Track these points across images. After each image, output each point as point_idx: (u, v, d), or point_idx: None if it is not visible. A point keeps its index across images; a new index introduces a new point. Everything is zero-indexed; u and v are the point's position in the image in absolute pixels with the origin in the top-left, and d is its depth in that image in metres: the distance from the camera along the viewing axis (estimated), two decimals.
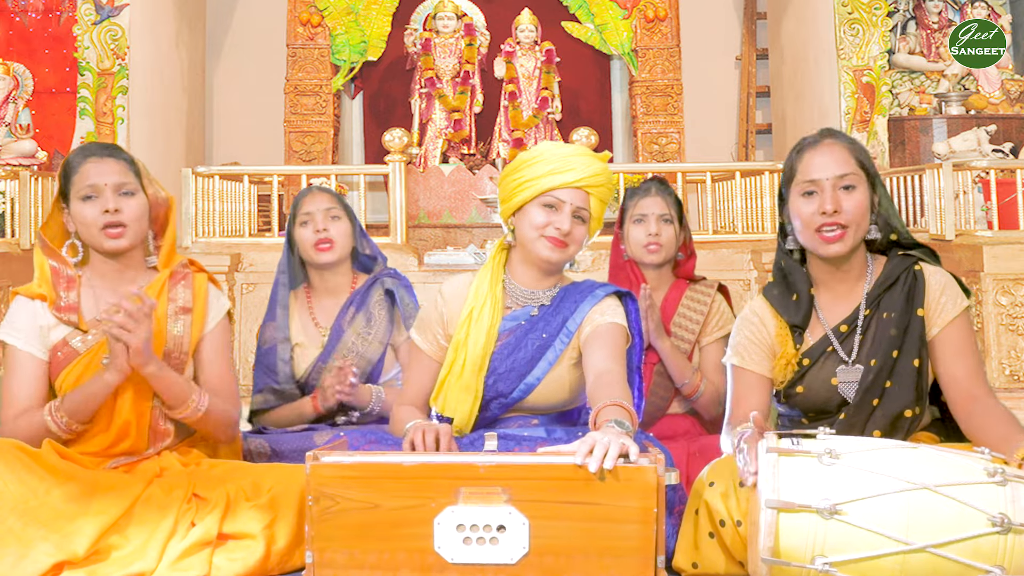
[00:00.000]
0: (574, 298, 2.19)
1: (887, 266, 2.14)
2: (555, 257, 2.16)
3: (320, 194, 2.87)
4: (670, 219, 2.84)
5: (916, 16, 7.59)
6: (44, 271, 2.24)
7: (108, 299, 2.24)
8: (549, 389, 2.18)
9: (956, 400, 2.06)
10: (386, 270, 2.91)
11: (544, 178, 2.14)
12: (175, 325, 2.25)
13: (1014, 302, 4.94)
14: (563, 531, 1.69)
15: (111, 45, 6.84)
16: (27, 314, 2.22)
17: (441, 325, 2.24)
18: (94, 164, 2.21)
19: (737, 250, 5.64)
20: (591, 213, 2.17)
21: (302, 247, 2.82)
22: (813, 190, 2.09)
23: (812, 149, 2.12)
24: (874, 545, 1.61)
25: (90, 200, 2.20)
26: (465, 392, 2.16)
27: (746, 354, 2.18)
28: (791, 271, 2.18)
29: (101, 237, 2.20)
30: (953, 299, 2.09)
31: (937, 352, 2.08)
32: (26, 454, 2.04)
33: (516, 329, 2.20)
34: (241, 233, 6.02)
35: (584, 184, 2.13)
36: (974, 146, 6.62)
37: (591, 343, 2.12)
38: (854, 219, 2.06)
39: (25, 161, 6.71)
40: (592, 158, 2.19)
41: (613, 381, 2.00)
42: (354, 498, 1.73)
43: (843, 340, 2.12)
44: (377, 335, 2.79)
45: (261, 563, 1.97)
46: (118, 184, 2.21)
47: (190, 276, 2.31)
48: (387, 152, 6.12)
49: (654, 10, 7.96)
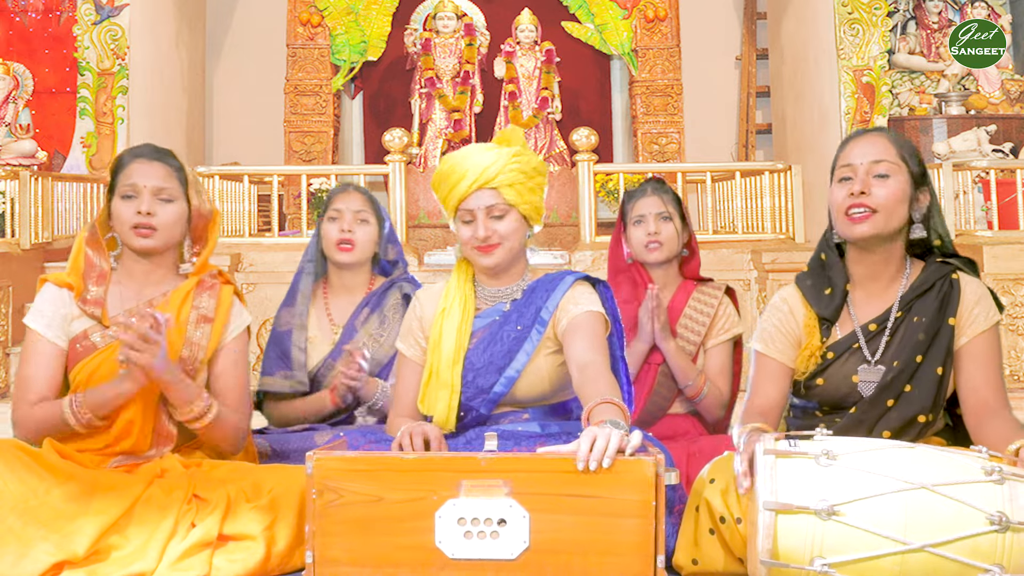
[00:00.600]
0: (545, 287, 2.21)
1: (924, 271, 2.14)
2: (491, 261, 2.18)
3: (354, 194, 2.88)
4: (668, 216, 2.84)
5: (916, 16, 7.59)
6: (78, 261, 2.27)
7: (132, 299, 2.26)
8: (531, 381, 2.19)
9: (971, 410, 2.05)
10: (404, 275, 2.91)
11: (450, 195, 2.17)
12: (194, 332, 2.26)
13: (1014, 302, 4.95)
14: (563, 525, 1.70)
15: (111, 45, 6.84)
16: (53, 301, 2.25)
17: (420, 329, 2.27)
18: (140, 165, 2.25)
19: (737, 250, 5.64)
20: (510, 202, 2.15)
21: (325, 242, 2.84)
22: (849, 176, 2.10)
23: (856, 139, 2.14)
24: (872, 545, 1.61)
25: (128, 199, 2.24)
26: (443, 388, 2.17)
27: (771, 342, 2.18)
28: (831, 265, 2.18)
29: (131, 235, 2.23)
30: (986, 312, 2.09)
31: (962, 361, 2.08)
32: (26, 454, 2.04)
33: (490, 325, 2.22)
34: (241, 233, 6.02)
35: (483, 182, 2.14)
36: (974, 146, 6.63)
37: (570, 335, 2.12)
38: (884, 205, 2.06)
39: (25, 161, 6.71)
40: (486, 152, 2.18)
41: (598, 373, 2.00)
42: (358, 491, 1.74)
43: (870, 339, 2.13)
44: (389, 339, 2.79)
45: (261, 564, 1.97)
46: (158, 188, 2.24)
47: (217, 287, 2.32)
48: (387, 152, 6.12)
49: (654, 10, 7.97)
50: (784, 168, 5.82)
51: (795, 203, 5.70)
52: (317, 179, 6.51)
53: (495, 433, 2.12)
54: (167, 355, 2.10)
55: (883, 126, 2.20)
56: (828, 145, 6.83)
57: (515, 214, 2.17)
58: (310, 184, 6.43)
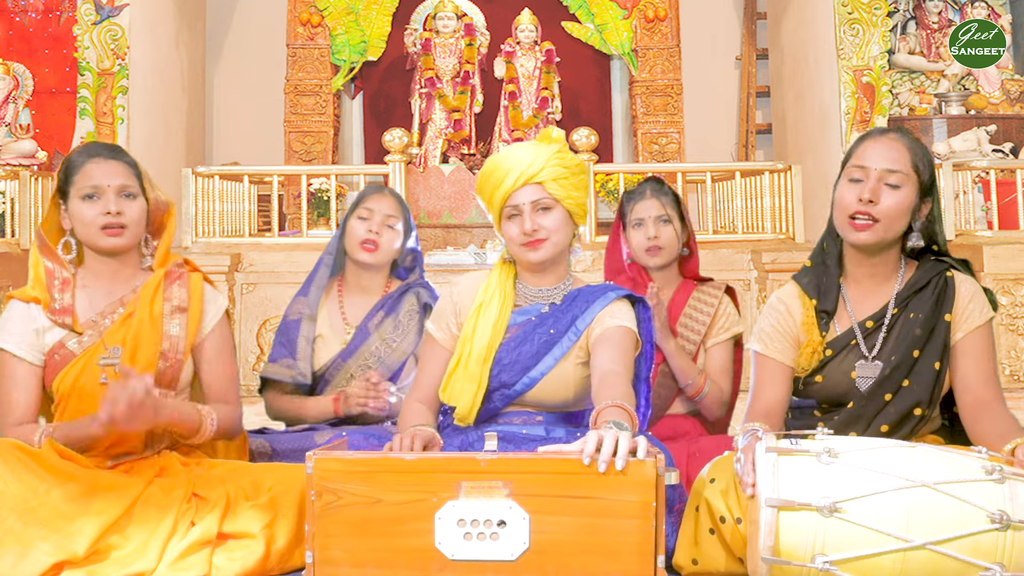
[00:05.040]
0: (586, 298, 2.21)
1: (919, 269, 2.16)
2: (537, 256, 2.17)
3: (388, 197, 2.87)
4: (668, 219, 2.83)
5: (916, 16, 7.59)
6: (39, 273, 2.24)
7: (102, 300, 2.24)
8: (553, 385, 2.18)
9: (967, 404, 2.07)
10: (420, 280, 2.90)
11: (495, 193, 2.17)
12: (171, 325, 2.25)
13: (1014, 302, 4.95)
14: (563, 526, 1.70)
15: (111, 45, 6.84)
16: (21, 318, 2.22)
17: (454, 315, 2.26)
18: (98, 164, 2.22)
19: (737, 250, 5.65)
20: (555, 197, 2.16)
21: (349, 238, 2.82)
22: (860, 177, 2.10)
23: (874, 138, 2.14)
24: (874, 543, 1.61)
25: (91, 200, 2.20)
26: (469, 382, 2.17)
27: (769, 342, 2.19)
28: (831, 254, 2.20)
29: (99, 236, 2.20)
30: (980, 308, 2.11)
31: (957, 357, 2.10)
32: (26, 454, 2.04)
33: (526, 324, 2.21)
34: (241, 233, 6.02)
35: (529, 178, 2.15)
36: (974, 146, 6.62)
37: (599, 344, 2.13)
38: (888, 216, 2.07)
39: (25, 161, 6.71)
40: (528, 148, 2.19)
41: (617, 382, 2.00)
42: (357, 492, 1.74)
43: (867, 335, 2.15)
44: (402, 345, 2.78)
45: (261, 563, 1.97)
46: (121, 186, 2.22)
47: (185, 275, 2.31)
48: (387, 152, 6.12)
49: (654, 10, 7.96)
50: (784, 168, 5.82)
51: (795, 203, 5.70)
52: (317, 179, 6.51)
53: (495, 433, 2.12)
54: (157, 407, 2.03)
55: (902, 127, 2.21)
56: (828, 145, 6.83)
57: (560, 209, 2.17)
58: (310, 184, 6.43)
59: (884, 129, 2.18)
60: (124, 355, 2.18)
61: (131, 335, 2.19)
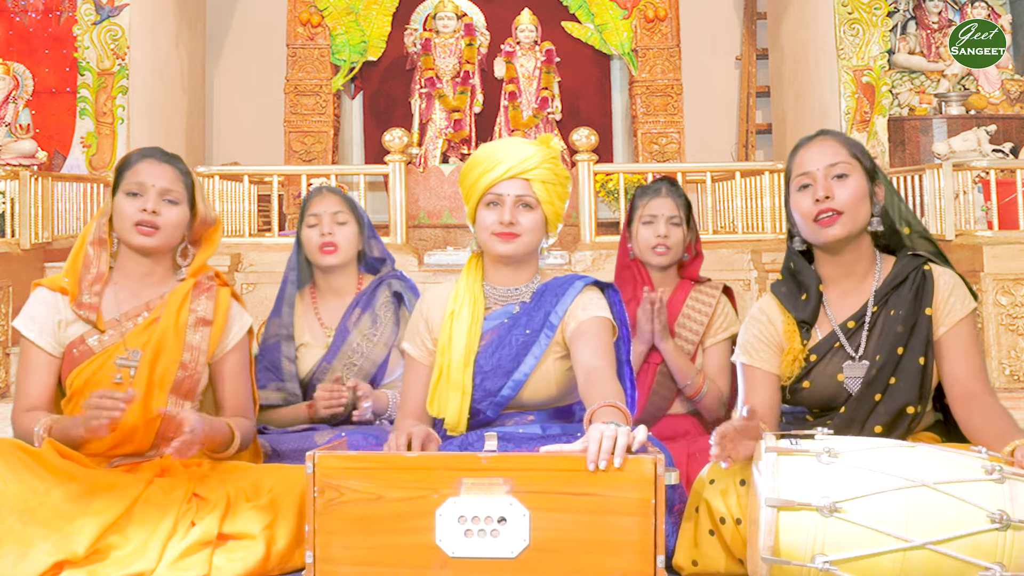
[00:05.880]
0: (554, 291, 2.21)
1: (896, 265, 2.16)
2: (507, 250, 2.18)
3: (328, 196, 2.87)
4: (679, 221, 2.84)
5: (916, 16, 7.60)
6: (76, 262, 2.26)
7: (128, 302, 2.25)
8: (538, 385, 2.19)
9: (957, 398, 2.07)
10: (392, 272, 2.91)
11: (480, 179, 2.18)
12: (193, 336, 2.25)
13: (1014, 302, 4.94)
14: (563, 523, 1.70)
15: (111, 45, 6.84)
16: (46, 307, 2.23)
17: (427, 330, 2.26)
18: (148, 165, 2.26)
19: (737, 250, 5.65)
20: (538, 198, 2.17)
21: (307, 248, 2.84)
22: (808, 183, 2.13)
23: (805, 146, 2.19)
24: (874, 543, 1.61)
25: (133, 196, 2.23)
26: (454, 390, 2.17)
27: (754, 352, 2.20)
28: (800, 270, 2.21)
29: (132, 232, 2.22)
30: (961, 300, 2.11)
31: (942, 351, 2.10)
32: (26, 453, 2.03)
33: (499, 327, 2.21)
34: (241, 233, 6.03)
35: (518, 172, 2.16)
36: (974, 146, 6.62)
37: (577, 340, 2.13)
38: (849, 205, 2.09)
39: (25, 161, 6.71)
40: (525, 145, 2.21)
41: (604, 378, 2.01)
42: (359, 489, 1.74)
43: (850, 336, 2.15)
44: (382, 337, 2.79)
45: (261, 563, 1.97)
46: (165, 189, 2.24)
47: (214, 288, 2.31)
48: (387, 152, 6.13)
49: (654, 10, 7.97)
50: (784, 168, 5.82)
51: None
52: (317, 179, 6.50)
53: (495, 433, 2.12)
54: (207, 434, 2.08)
55: (827, 128, 2.26)
56: None
57: (540, 213, 2.19)
58: (310, 184, 6.43)
59: (810, 136, 2.21)
60: (144, 360, 2.19)
61: (153, 341, 2.20)
